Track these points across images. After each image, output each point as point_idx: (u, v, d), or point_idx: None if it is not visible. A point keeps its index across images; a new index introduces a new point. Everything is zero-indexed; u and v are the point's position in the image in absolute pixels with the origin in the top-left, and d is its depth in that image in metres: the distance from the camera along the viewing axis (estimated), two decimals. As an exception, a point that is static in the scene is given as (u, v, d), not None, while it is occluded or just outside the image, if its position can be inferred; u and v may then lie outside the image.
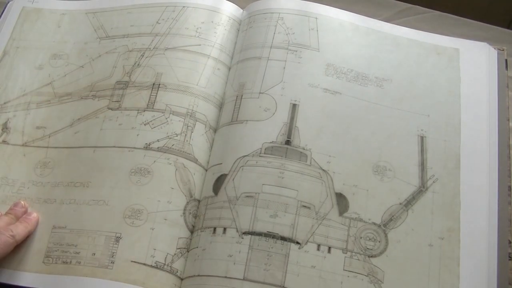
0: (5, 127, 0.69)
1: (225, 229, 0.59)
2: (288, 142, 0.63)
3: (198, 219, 0.61)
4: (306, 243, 0.58)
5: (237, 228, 0.59)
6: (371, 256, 0.58)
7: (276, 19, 0.72)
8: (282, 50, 0.70)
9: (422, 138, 0.65)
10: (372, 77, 0.69)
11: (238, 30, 0.74)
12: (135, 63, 0.71)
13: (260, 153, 0.63)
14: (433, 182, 0.62)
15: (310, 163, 0.62)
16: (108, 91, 0.69)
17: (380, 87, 0.68)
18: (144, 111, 0.67)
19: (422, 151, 0.64)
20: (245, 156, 0.63)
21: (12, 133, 0.69)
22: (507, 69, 0.71)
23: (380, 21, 0.75)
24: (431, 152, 0.64)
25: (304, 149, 0.63)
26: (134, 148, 0.64)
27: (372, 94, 0.67)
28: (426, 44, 0.72)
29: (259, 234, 0.58)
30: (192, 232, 0.61)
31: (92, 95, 0.70)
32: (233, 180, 0.62)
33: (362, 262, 0.58)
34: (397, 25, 0.75)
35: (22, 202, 0.63)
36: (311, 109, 0.65)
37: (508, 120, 0.67)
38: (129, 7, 0.77)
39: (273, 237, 0.58)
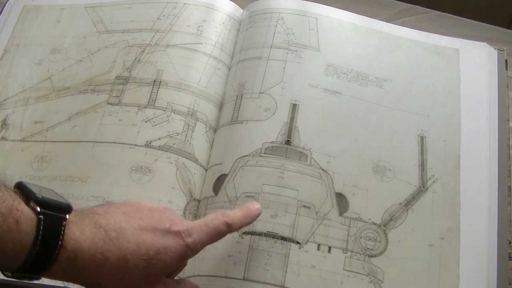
0: (4, 124, 0.69)
1: (225, 228, 0.59)
2: (288, 142, 0.63)
3: (198, 219, 0.61)
4: (306, 243, 0.58)
5: (237, 228, 0.59)
6: (371, 256, 0.58)
7: (276, 19, 0.72)
8: (282, 50, 0.69)
9: (422, 138, 0.65)
10: (372, 77, 0.69)
11: (238, 30, 0.74)
12: (135, 59, 0.71)
13: (260, 153, 0.63)
14: (433, 182, 0.62)
15: (310, 163, 0.62)
16: (107, 86, 0.69)
17: (380, 87, 0.68)
18: (145, 108, 0.66)
19: (422, 151, 0.64)
20: (245, 156, 0.63)
21: (11, 129, 0.69)
22: (507, 69, 0.71)
23: (380, 21, 0.75)
24: (431, 152, 0.64)
25: (304, 149, 0.63)
26: (135, 145, 0.64)
27: (372, 94, 0.67)
28: (426, 44, 0.72)
29: (259, 234, 0.58)
30: (192, 231, 0.61)
31: (91, 90, 0.69)
32: (233, 180, 0.62)
33: (362, 262, 0.58)
34: (397, 25, 0.75)
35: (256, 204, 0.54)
36: (311, 109, 0.65)
37: (508, 120, 0.67)
38: (129, 2, 0.77)
39: (273, 237, 0.58)
